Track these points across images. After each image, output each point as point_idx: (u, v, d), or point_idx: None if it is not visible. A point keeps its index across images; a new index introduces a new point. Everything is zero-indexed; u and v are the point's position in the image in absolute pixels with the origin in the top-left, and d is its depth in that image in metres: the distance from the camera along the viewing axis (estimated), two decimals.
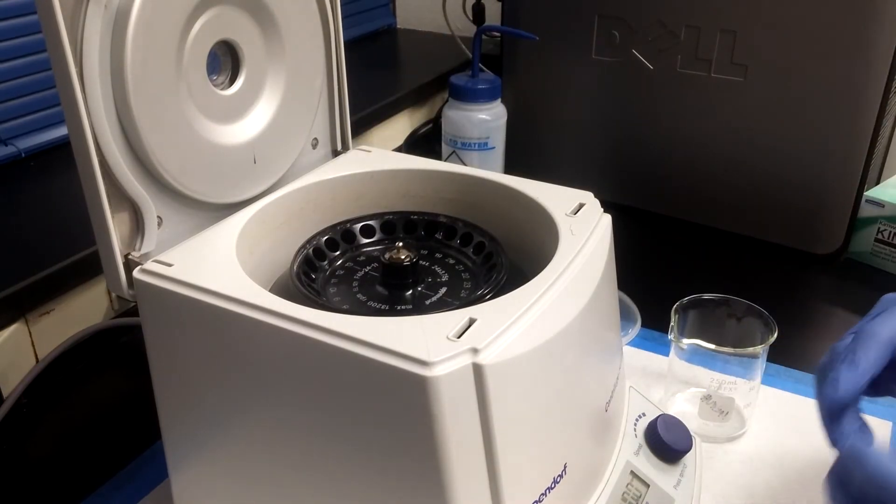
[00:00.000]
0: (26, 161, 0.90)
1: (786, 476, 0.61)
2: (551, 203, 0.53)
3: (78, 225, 0.56)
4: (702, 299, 0.64)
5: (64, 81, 0.42)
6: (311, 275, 0.52)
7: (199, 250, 0.49)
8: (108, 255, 0.47)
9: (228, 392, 0.46)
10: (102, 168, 0.44)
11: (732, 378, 0.63)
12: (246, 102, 0.54)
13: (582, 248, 0.48)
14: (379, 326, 0.40)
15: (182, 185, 0.49)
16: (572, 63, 0.96)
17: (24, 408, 0.69)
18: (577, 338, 0.46)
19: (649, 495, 0.52)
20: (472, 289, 0.52)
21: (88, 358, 0.75)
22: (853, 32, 0.79)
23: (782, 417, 0.66)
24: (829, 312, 0.82)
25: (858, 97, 0.82)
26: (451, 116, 0.91)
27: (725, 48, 0.86)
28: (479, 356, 0.39)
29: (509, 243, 0.54)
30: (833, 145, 0.85)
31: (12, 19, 0.86)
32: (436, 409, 0.38)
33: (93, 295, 0.77)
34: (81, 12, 0.42)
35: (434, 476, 0.39)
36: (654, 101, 0.93)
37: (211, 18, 0.49)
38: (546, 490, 0.44)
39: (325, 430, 0.43)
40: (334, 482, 0.44)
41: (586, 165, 1.01)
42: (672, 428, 0.56)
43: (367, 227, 0.57)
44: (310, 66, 0.58)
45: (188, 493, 0.53)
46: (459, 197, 0.59)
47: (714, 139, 0.91)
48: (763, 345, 0.61)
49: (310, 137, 0.60)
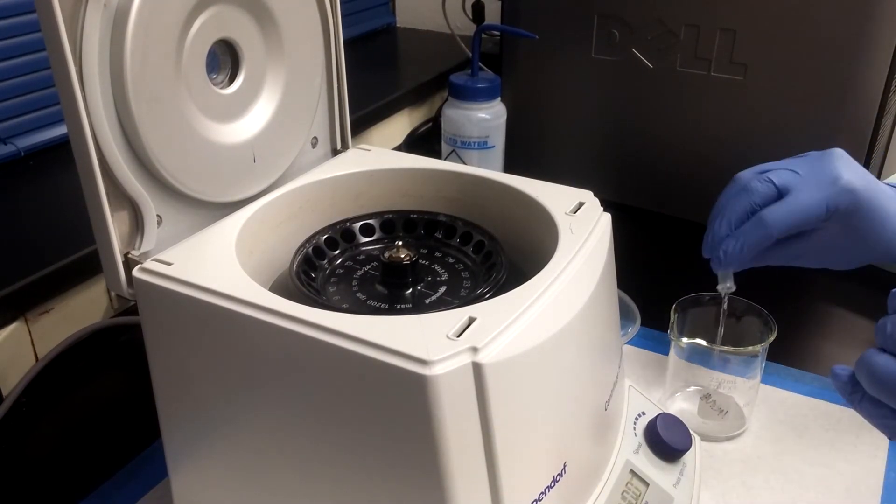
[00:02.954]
0: (25, 160, 0.89)
1: (785, 475, 0.61)
2: (551, 202, 0.53)
3: (77, 224, 0.56)
4: (701, 298, 0.64)
5: (63, 80, 0.42)
6: (310, 274, 0.52)
7: (199, 249, 0.49)
8: (107, 253, 0.47)
9: (228, 391, 0.46)
10: (102, 167, 0.44)
11: (732, 377, 0.63)
12: (245, 101, 0.54)
13: (581, 247, 0.48)
14: (378, 325, 0.40)
15: (181, 183, 0.49)
16: (572, 62, 0.96)
17: (23, 407, 0.69)
18: (576, 337, 0.46)
19: (649, 494, 0.52)
20: (471, 288, 0.52)
21: (88, 357, 0.75)
22: (853, 32, 0.79)
23: (782, 416, 0.66)
24: (828, 311, 0.82)
25: (858, 97, 0.82)
26: (451, 115, 0.91)
27: (725, 47, 0.86)
28: (478, 355, 0.39)
29: (509, 242, 0.54)
30: (833, 144, 0.84)
31: (11, 18, 0.86)
32: (435, 408, 0.38)
33: (92, 294, 0.76)
34: (81, 11, 0.42)
35: (433, 474, 0.39)
36: (654, 100, 0.93)
37: (210, 17, 0.49)
38: (546, 489, 0.44)
39: (324, 429, 0.43)
40: (333, 480, 0.44)
41: (586, 164, 1.00)
42: (671, 427, 0.56)
43: (367, 226, 0.57)
44: (309, 65, 0.58)
45: (188, 491, 0.53)
46: (459, 196, 0.59)
47: (714, 138, 0.91)
48: (762, 344, 0.61)
49: (309, 136, 0.60)
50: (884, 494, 0.59)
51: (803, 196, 0.53)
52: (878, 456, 0.62)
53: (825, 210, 0.53)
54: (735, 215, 0.55)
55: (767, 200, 0.54)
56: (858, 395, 0.44)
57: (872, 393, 0.43)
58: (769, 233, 0.54)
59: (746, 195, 0.55)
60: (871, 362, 0.42)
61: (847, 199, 0.53)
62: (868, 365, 0.43)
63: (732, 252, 0.55)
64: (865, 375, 0.43)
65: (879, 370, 0.42)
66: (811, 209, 0.53)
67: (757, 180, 0.55)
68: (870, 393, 0.43)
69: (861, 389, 0.44)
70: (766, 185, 0.54)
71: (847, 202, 0.53)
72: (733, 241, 0.55)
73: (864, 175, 0.54)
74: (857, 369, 0.44)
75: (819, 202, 0.53)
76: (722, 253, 0.55)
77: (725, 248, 0.55)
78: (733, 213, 0.55)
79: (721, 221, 0.55)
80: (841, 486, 0.60)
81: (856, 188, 0.53)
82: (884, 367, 0.42)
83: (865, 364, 0.43)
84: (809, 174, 0.54)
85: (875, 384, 0.42)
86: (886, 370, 0.42)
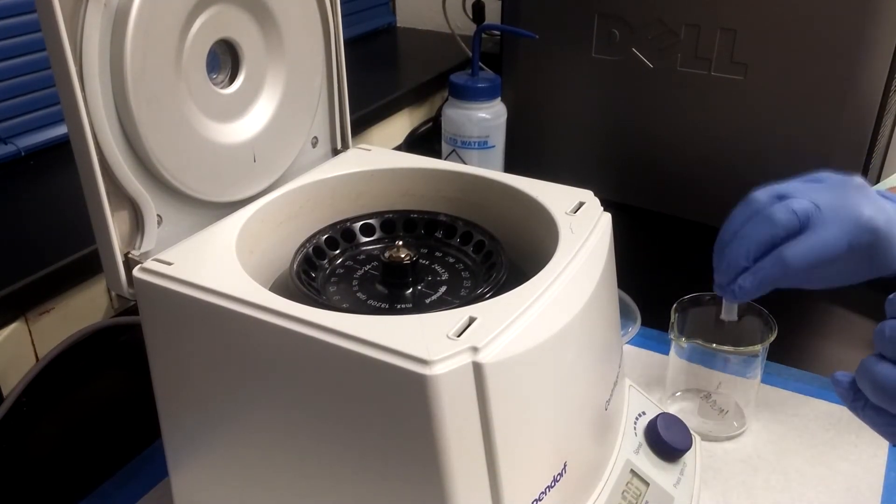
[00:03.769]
0: (26, 160, 0.89)
1: (786, 475, 0.61)
2: (551, 202, 0.53)
3: (78, 223, 0.56)
4: (702, 298, 0.64)
5: (63, 80, 0.42)
6: (311, 273, 0.52)
7: (199, 249, 0.49)
8: (107, 253, 0.47)
9: (228, 390, 0.46)
10: (102, 167, 0.44)
11: (732, 377, 0.63)
12: (246, 101, 0.54)
13: (582, 247, 0.48)
14: (379, 325, 0.40)
15: (182, 183, 0.49)
16: (572, 62, 0.96)
17: (23, 406, 0.69)
18: (576, 336, 0.46)
19: (649, 494, 0.52)
20: (471, 287, 0.52)
21: (88, 357, 0.75)
22: (853, 32, 0.79)
23: (782, 416, 0.66)
24: (828, 311, 0.82)
25: (858, 97, 0.82)
26: (451, 115, 0.91)
27: (725, 47, 0.86)
28: (478, 355, 0.39)
29: (509, 242, 0.54)
30: (833, 144, 0.85)
31: (12, 18, 0.86)
32: (435, 407, 0.38)
33: (92, 294, 0.76)
34: (81, 11, 0.42)
35: (434, 474, 0.39)
36: (654, 100, 0.93)
37: (210, 17, 0.49)
38: (546, 488, 0.44)
39: (324, 429, 0.43)
40: (333, 480, 0.44)
41: (586, 164, 1.01)
42: (672, 426, 0.56)
43: (367, 225, 0.57)
44: (309, 65, 0.58)
45: (188, 491, 0.53)
46: (459, 196, 0.59)
47: (714, 138, 0.91)
48: (763, 343, 0.61)
49: (310, 136, 0.60)
50: (884, 494, 0.59)
51: (825, 234, 0.51)
52: (879, 456, 0.62)
53: (846, 248, 0.51)
54: (755, 246, 0.53)
55: (790, 233, 0.52)
56: (861, 402, 0.44)
57: (875, 401, 0.43)
58: (788, 271, 0.52)
59: (769, 226, 0.52)
60: (873, 371, 0.42)
61: (868, 237, 0.51)
62: (870, 373, 0.42)
63: (748, 289, 0.53)
64: (868, 384, 0.42)
65: (882, 379, 0.42)
66: (832, 248, 0.51)
67: (779, 210, 0.52)
68: (873, 401, 0.43)
69: (863, 397, 0.44)
70: (790, 216, 0.52)
71: (868, 240, 0.51)
72: (750, 277, 0.53)
73: (883, 208, 0.52)
74: (858, 377, 0.43)
75: (840, 240, 0.51)
76: (737, 287, 0.54)
77: (742, 284, 0.53)
78: (752, 243, 0.53)
79: (740, 250, 0.53)
80: (841, 486, 0.60)
81: (878, 226, 0.51)
82: (887, 375, 0.41)
83: (867, 373, 0.42)
84: (830, 208, 0.52)
85: (878, 393, 0.42)
86: (889, 379, 0.41)
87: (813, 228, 0.52)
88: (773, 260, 0.52)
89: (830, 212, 0.52)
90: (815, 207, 0.52)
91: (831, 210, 0.52)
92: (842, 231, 0.51)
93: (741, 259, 0.54)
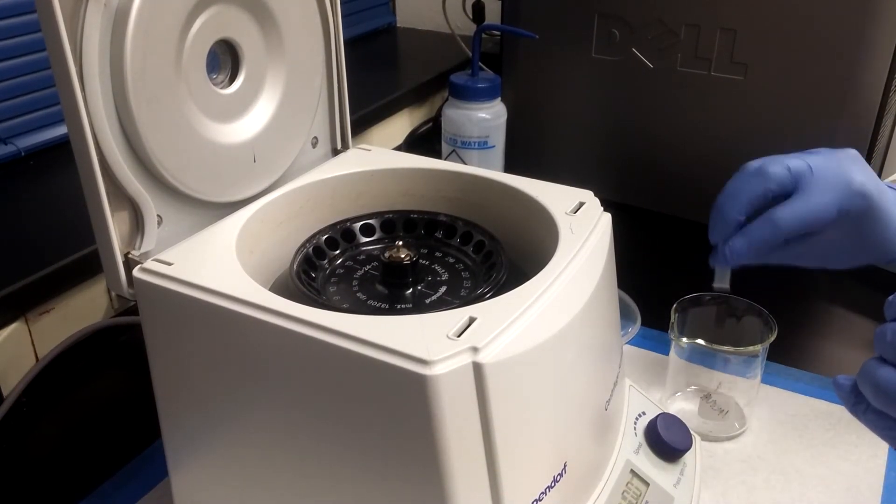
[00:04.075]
0: (26, 160, 0.89)
1: (785, 475, 0.61)
2: (551, 202, 0.53)
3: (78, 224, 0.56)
4: (702, 298, 0.64)
5: (63, 80, 0.42)
6: (311, 274, 0.52)
7: (199, 249, 0.49)
8: (107, 253, 0.47)
9: (228, 391, 0.46)
10: (102, 167, 0.44)
11: (732, 377, 0.63)
12: (246, 101, 0.54)
13: (582, 247, 0.48)
14: (379, 325, 0.40)
15: (182, 183, 0.49)
16: (572, 62, 0.96)
17: (23, 407, 0.69)
18: (576, 336, 0.46)
19: (649, 494, 0.52)
20: (471, 288, 0.52)
21: (88, 357, 0.75)
22: (853, 32, 0.79)
23: (782, 416, 0.66)
24: (828, 311, 0.82)
25: (858, 97, 0.82)
26: (451, 115, 0.91)
27: (725, 47, 0.86)
28: (478, 355, 0.39)
29: (509, 242, 0.54)
30: (833, 144, 0.84)
31: (11, 18, 0.86)
32: (436, 407, 0.38)
33: (92, 294, 0.76)
34: (81, 11, 0.42)
35: (434, 474, 0.39)
36: (654, 100, 0.93)
37: (210, 17, 0.49)
38: (546, 489, 0.44)
39: (324, 429, 0.43)
40: (333, 480, 0.44)
41: (586, 164, 1.00)
42: (672, 427, 0.56)
43: (367, 225, 0.57)
44: (309, 65, 0.58)
45: (188, 491, 0.53)
46: (459, 196, 0.59)
47: (714, 138, 0.91)
48: (763, 343, 0.61)
49: (310, 136, 0.60)
50: (884, 494, 0.59)
51: (815, 197, 0.52)
52: (879, 456, 0.62)
53: (836, 213, 0.52)
54: (747, 198, 0.54)
55: (783, 189, 0.53)
56: (863, 405, 0.44)
57: (877, 406, 0.42)
58: (779, 233, 0.52)
59: (762, 180, 0.53)
60: (874, 375, 0.42)
61: (859, 203, 0.52)
62: (872, 378, 0.42)
63: (739, 250, 0.54)
64: (870, 389, 0.42)
65: (884, 383, 0.41)
66: (823, 211, 0.52)
67: (772, 164, 0.53)
68: (874, 405, 0.43)
69: (865, 400, 0.43)
70: (783, 171, 0.53)
71: (859, 206, 0.52)
72: (741, 238, 0.54)
73: (874, 178, 0.53)
74: (860, 382, 0.43)
75: (830, 204, 0.52)
76: (728, 250, 0.54)
77: (732, 246, 0.54)
78: (745, 195, 0.54)
79: (733, 203, 0.54)
80: (841, 486, 0.60)
81: (868, 192, 0.52)
82: (888, 380, 0.41)
83: (869, 377, 0.42)
84: (822, 173, 0.53)
85: (880, 397, 0.42)
86: (891, 383, 0.41)
87: (804, 191, 0.52)
88: (763, 221, 0.53)
89: (822, 176, 0.52)
90: (808, 168, 0.53)
91: (823, 174, 0.53)
92: (833, 195, 0.52)
93: (734, 212, 0.54)
